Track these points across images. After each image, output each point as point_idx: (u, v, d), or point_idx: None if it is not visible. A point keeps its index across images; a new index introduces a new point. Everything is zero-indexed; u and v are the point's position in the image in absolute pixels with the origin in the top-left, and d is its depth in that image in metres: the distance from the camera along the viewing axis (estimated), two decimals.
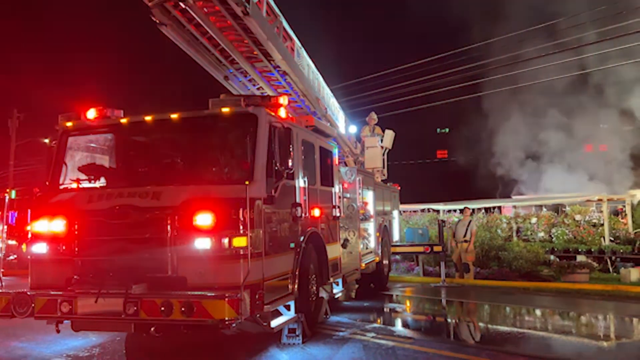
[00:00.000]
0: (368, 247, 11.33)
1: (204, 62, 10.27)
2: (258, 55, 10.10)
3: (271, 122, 6.28)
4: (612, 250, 13.75)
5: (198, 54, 10.06)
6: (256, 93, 11.17)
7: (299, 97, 11.35)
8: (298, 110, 11.73)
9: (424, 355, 6.47)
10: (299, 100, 11.48)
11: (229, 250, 5.59)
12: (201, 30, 9.57)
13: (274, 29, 9.51)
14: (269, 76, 10.88)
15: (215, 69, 10.53)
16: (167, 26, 9.11)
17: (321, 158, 8.08)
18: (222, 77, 10.72)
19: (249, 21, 8.70)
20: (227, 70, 10.67)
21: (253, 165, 5.98)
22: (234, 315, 5.42)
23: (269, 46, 9.48)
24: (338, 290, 8.84)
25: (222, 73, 10.68)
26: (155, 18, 8.95)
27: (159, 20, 8.99)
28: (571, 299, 11.08)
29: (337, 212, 8.62)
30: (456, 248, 13.50)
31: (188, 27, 9.49)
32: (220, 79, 10.76)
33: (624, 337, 8.26)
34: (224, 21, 9.14)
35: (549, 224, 15.75)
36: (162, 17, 8.97)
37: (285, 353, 6.59)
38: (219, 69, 10.58)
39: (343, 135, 12.80)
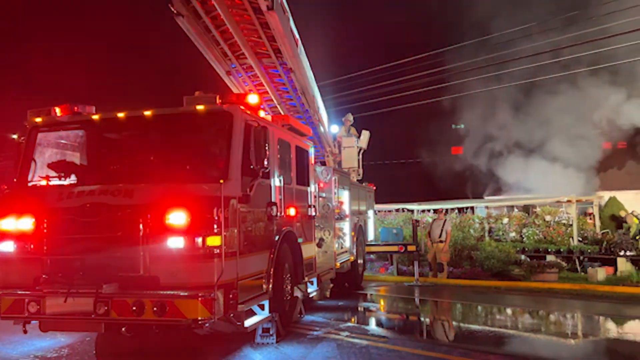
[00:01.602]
0: (343, 247, 11.37)
1: (210, 55, 10.31)
2: (268, 51, 10.20)
3: (247, 120, 6.24)
4: (580, 251, 14.08)
5: (207, 46, 10.10)
6: (254, 90, 11.24)
7: (295, 95, 11.43)
8: (291, 109, 11.77)
9: (397, 354, 6.52)
10: (295, 98, 11.58)
11: (203, 250, 5.53)
12: (216, 23, 9.64)
13: (288, 24, 9.61)
14: (272, 73, 10.95)
15: (220, 63, 10.57)
16: (184, 17, 9.21)
17: (297, 157, 8.06)
18: (224, 71, 10.76)
19: (272, 16, 8.79)
20: (231, 65, 10.72)
21: (228, 163, 5.92)
22: (207, 315, 5.39)
23: (283, 42, 9.60)
24: (313, 290, 8.84)
25: (225, 67, 10.70)
26: (174, 8, 9.02)
27: (177, 11, 9.09)
28: (541, 298, 11.31)
29: (313, 212, 8.62)
30: (431, 247, 13.65)
31: (204, 19, 9.56)
32: (222, 74, 10.79)
33: (591, 335, 8.47)
34: (242, 15, 9.29)
35: (520, 224, 16.04)
36: (181, 7, 9.11)
37: (259, 353, 6.57)
38: (223, 63, 10.62)
39: (325, 134, 12.85)
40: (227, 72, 10.78)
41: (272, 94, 11.21)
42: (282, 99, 11.53)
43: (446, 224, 13.69)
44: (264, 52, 10.36)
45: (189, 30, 9.55)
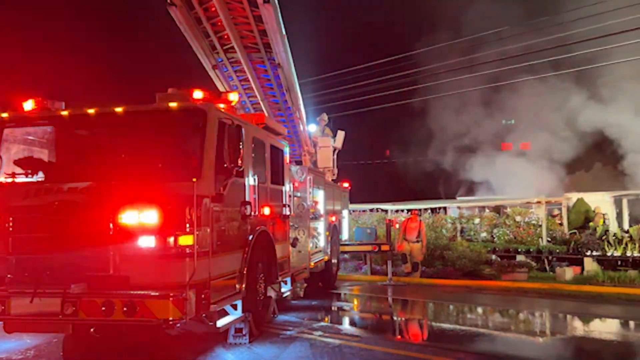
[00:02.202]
0: (317, 246, 11.37)
1: (198, 48, 10.22)
2: (258, 45, 10.17)
3: (220, 118, 6.18)
4: (549, 250, 14.41)
5: (196, 38, 10.01)
6: (239, 86, 11.18)
7: (279, 92, 11.42)
8: (273, 106, 11.74)
9: (369, 353, 6.56)
10: (279, 95, 11.57)
11: (175, 249, 5.47)
12: (207, 15, 9.59)
13: (280, 19, 9.63)
14: (259, 68, 10.92)
15: (207, 56, 10.47)
16: (177, 7, 9.14)
17: (272, 156, 8.03)
18: (210, 65, 10.67)
19: (267, 9, 8.81)
20: (218, 58, 10.65)
21: (201, 162, 5.85)
22: (178, 315, 5.33)
23: (274, 36, 9.61)
24: (286, 289, 8.83)
25: (212, 61, 10.63)
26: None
27: (171, 0, 9.03)
28: (511, 297, 11.53)
29: (287, 211, 8.60)
30: (407, 246, 13.75)
31: (197, 10, 9.48)
32: (208, 67, 10.70)
33: (558, 333, 8.67)
34: (236, 8, 9.26)
35: (491, 224, 16.31)
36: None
37: (232, 353, 6.52)
38: (210, 56, 10.54)
39: (304, 133, 12.85)
40: (213, 66, 10.73)
41: (256, 90, 11.19)
42: (265, 95, 11.51)
43: (422, 225, 13.87)
44: (253, 46, 10.36)
45: (180, 20, 9.48)
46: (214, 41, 10.29)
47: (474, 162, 21.48)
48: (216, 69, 10.79)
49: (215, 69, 10.77)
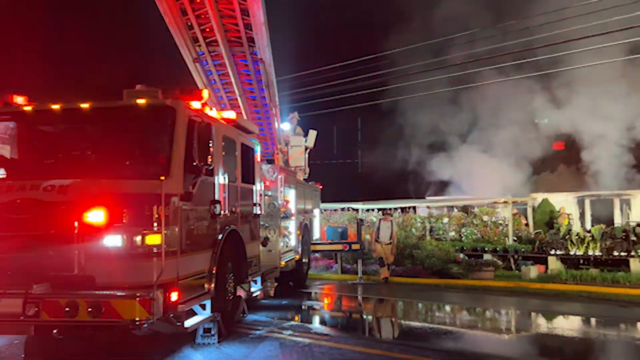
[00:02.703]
0: (288, 245, 11.36)
1: (180, 40, 10.16)
2: (242, 39, 10.19)
3: (190, 116, 6.10)
4: (514, 250, 14.73)
5: (179, 30, 9.95)
6: (218, 80, 11.10)
7: (258, 87, 11.42)
8: (250, 102, 11.71)
9: (338, 352, 6.59)
10: (257, 91, 11.57)
11: (142, 248, 5.39)
12: (193, 6, 9.58)
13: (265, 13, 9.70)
14: (239, 63, 10.91)
15: (188, 48, 10.42)
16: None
17: (242, 155, 7.98)
18: (191, 58, 10.59)
19: (255, 2, 8.93)
20: (199, 51, 10.60)
21: (169, 160, 5.77)
22: (145, 315, 5.25)
23: (259, 30, 9.69)
24: (256, 289, 8.78)
25: (193, 54, 10.56)
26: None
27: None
28: (478, 295, 11.75)
29: (258, 210, 8.56)
30: (380, 248, 13.53)
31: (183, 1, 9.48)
32: (189, 60, 10.62)
33: (523, 330, 8.88)
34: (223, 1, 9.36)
35: (459, 224, 16.59)
36: None
37: (200, 353, 6.45)
38: (192, 48, 10.48)
39: (278, 131, 12.83)
40: (194, 59, 10.68)
41: (235, 85, 11.15)
42: (244, 91, 11.48)
43: (393, 226, 13.84)
44: (236, 40, 10.38)
45: (165, 11, 9.43)
46: (197, 33, 10.26)
47: (443, 162, 21.80)
48: (196, 63, 10.75)
49: (195, 62, 10.73)
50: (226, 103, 11.58)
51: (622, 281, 11.93)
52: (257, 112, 11.98)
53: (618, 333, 8.41)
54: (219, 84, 11.26)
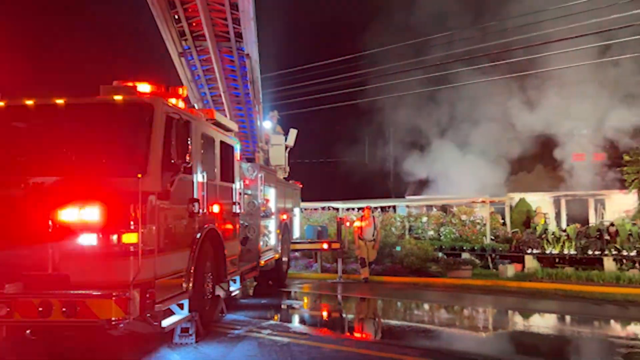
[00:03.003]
0: (268, 244, 11.32)
1: (167, 34, 10.06)
2: (229, 34, 10.15)
3: (168, 113, 6.03)
4: (492, 249, 14.93)
5: (166, 22, 9.86)
6: (202, 76, 11.03)
7: (242, 84, 11.36)
8: (233, 98, 11.65)
9: (317, 351, 6.58)
10: (241, 88, 11.44)
11: (118, 247, 5.31)
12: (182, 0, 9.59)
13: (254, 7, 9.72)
14: (225, 58, 10.84)
15: (174, 42, 10.33)
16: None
17: (222, 153, 7.91)
18: (177, 52, 10.51)
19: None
20: (185, 46, 10.51)
21: (147, 157, 5.69)
22: (121, 315, 5.18)
23: (248, 25, 9.68)
24: (235, 288, 8.74)
25: (179, 48, 10.48)
26: None
27: None
28: (456, 293, 11.87)
29: (237, 209, 8.51)
30: (364, 246, 13.42)
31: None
32: (174, 55, 10.54)
33: (500, 328, 9.00)
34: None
35: (438, 223, 16.74)
36: None
37: (177, 353, 6.38)
38: (178, 42, 10.41)
39: (260, 129, 12.77)
40: (179, 53, 10.60)
41: (220, 81, 11.09)
42: (228, 87, 11.42)
43: (376, 223, 13.79)
44: (224, 34, 10.33)
45: (153, 2, 9.37)
46: (185, 27, 10.19)
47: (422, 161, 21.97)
48: (182, 57, 10.70)
49: (181, 57, 10.68)
50: (209, 99, 11.50)
51: (596, 279, 12.20)
52: (239, 110, 11.90)
53: (592, 330, 8.58)
54: (203, 80, 11.20)
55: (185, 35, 10.35)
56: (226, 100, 11.36)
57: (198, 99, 11.37)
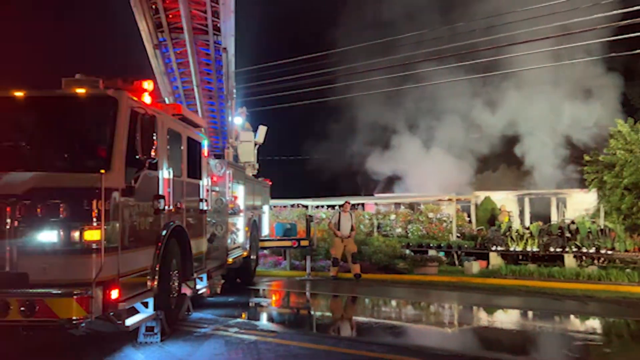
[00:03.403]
0: (236, 242, 11.22)
1: (143, 25, 9.96)
2: (207, 27, 10.13)
3: (133, 107, 5.91)
4: (458, 246, 15.19)
5: (143, 14, 9.78)
6: (176, 69, 10.83)
7: (216, 78, 11.29)
8: (206, 93, 11.53)
9: (285, 348, 6.57)
10: (215, 82, 11.38)
11: (80, 244, 5.18)
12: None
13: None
14: (201, 52, 10.76)
15: (150, 34, 10.23)
16: None
17: (189, 149, 7.80)
18: (152, 45, 10.38)
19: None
20: (160, 38, 10.44)
21: (110, 153, 5.57)
22: (83, 314, 5.06)
23: (228, 18, 9.72)
24: (202, 286, 8.64)
25: (154, 40, 10.38)
26: None
27: None
28: (423, 290, 12.02)
29: (205, 206, 8.41)
30: (340, 243, 13.20)
31: None
32: (149, 46, 10.42)
33: (465, 324, 9.17)
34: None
35: (406, 220, 16.94)
36: None
37: (142, 352, 6.26)
38: (154, 35, 10.31)
39: (231, 124, 12.66)
40: (155, 45, 10.49)
41: (194, 74, 10.97)
42: (201, 81, 11.29)
43: (353, 218, 13.53)
44: (202, 27, 10.27)
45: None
46: (162, 18, 10.08)
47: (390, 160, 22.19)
48: (156, 49, 10.60)
49: (156, 49, 10.58)
50: (181, 93, 11.36)
51: (557, 276, 12.54)
52: (211, 104, 11.79)
53: (552, 325, 8.82)
54: (176, 73, 11.06)
55: (162, 27, 10.24)
56: (199, 95, 11.25)
57: (170, 93, 11.22)
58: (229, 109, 11.86)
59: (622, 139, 15.44)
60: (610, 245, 12.99)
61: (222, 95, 11.53)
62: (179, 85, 11.25)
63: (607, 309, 9.80)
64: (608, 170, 15.69)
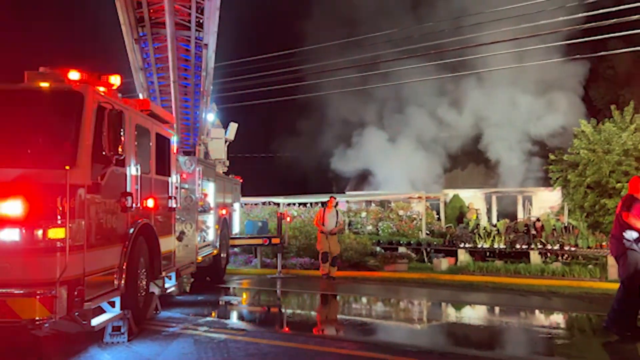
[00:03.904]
0: (206, 240, 11.11)
1: (124, 18, 9.90)
2: (190, 23, 10.20)
3: (100, 102, 5.77)
4: (427, 243, 15.39)
5: (125, 7, 9.75)
6: (153, 64, 10.70)
7: (193, 74, 11.19)
8: (182, 89, 11.38)
9: (255, 346, 6.53)
10: (192, 79, 11.29)
11: (44, 243, 5.03)
12: None
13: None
14: (180, 47, 10.73)
15: (131, 28, 10.14)
16: None
17: (157, 145, 7.67)
18: (133, 38, 10.28)
19: None
20: (141, 32, 10.35)
21: (76, 148, 5.42)
22: (47, 314, 4.92)
23: (212, 15, 9.89)
24: (171, 285, 8.51)
25: (135, 35, 10.27)
26: None
27: None
28: (393, 287, 12.14)
29: (173, 203, 8.28)
30: (325, 240, 12.79)
31: None
32: (129, 41, 10.32)
33: (434, 320, 9.30)
34: None
35: (377, 218, 17.07)
36: None
37: (108, 352, 6.13)
38: (134, 29, 10.23)
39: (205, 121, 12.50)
40: (135, 39, 10.37)
41: (172, 70, 10.83)
42: (178, 77, 11.15)
43: (339, 215, 13.04)
44: (185, 23, 10.27)
45: None
46: (145, 12, 10.01)
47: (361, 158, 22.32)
48: (137, 43, 10.48)
49: (136, 43, 10.46)
50: (156, 89, 11.19)
51: (523, 272, 12.85)
52: (186, 101, 11.65)
53: (518, 320, 9.03)
54: (153, 68, 10.93)
55: (143, 21, 10.16)
56: (174, 91, 11.12)
57: (145, 89, 11.05)
58: (204, 105, 11.77)
59: (586, 139, 15.89)
60: (573, 242, 13.36)
61: (197, 92, 11.47)
62: (155, 80, 11.11)
63: (571, 304, 10.08)
64: (572, 169, 16.12)
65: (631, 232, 6.86)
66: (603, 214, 15.21)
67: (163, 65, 10.84)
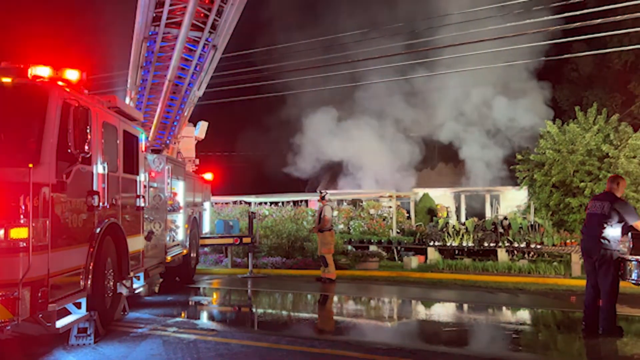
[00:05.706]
0: (175, 240, 10.95)
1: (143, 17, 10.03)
2: (206, 24, 10.36)
3: (65, 98, 5.62)
4: (398, 241, 15.53)
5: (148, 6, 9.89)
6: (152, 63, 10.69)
7: (190, 73, 11.13)
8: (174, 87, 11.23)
9: (225, 347, 6.48)
10: (188, 77, 11.21)
11: (6, 243, 4.90)
12: None
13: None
14: (186, 47, 10.73)
15: (145, 27, 10.25)
16: None
17: (125, 143, 7.52)
18: (142, 37, 10.32)
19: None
20: (151, 31, 10.40)
21: (40, 146, 5.28)
22: (9, 316, 4.79)
23: (230, 18, 10.13)
24: (139, 285, 8.37)
25: (145, 34, 10.34)
26: None
27: None
28: (364, 285, 12.22)
29: (142, 202, 8.14)
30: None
31: None
32: (138, 39, 10.37)
33: (404, 317, 9.39)
34: None
35: (348, 217, 17.15)
36: None
37: (73, 355, 5.98)
38: (148, 28, 10.30)
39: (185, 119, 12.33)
40: (144, 38, 10.40)
41: (172, 69, 10.74)
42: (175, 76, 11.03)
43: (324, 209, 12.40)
44: (200, 24, 10.38)
45: None
46: (164, 12, 10.08)
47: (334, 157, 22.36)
48: (145, 42, 10.51)
49: (144, 42, 10.49)
50: (147, 86, 11.07)
51: (491, 269, 13.11)
52: (174, 100, 11.49)
53: (486, 317, 9.19)
54: (152, 66, 10.76)
55: (158, 20, 10.21)
56: (166, 89, 10.98)
57: (137, 86, 10.88)
58: (191, 103, 11.74)
59: (551, 140, 16.30)
60: (539, 240, 13.69)
61: (187, 91, 11.42)
62: (149, 78, 10.96)
63: (536, 300, 10.33)
64: (538, 168, 16.53)
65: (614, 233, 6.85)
66: (567, 213, 15.66)
67: (162, 64, 10.78)
